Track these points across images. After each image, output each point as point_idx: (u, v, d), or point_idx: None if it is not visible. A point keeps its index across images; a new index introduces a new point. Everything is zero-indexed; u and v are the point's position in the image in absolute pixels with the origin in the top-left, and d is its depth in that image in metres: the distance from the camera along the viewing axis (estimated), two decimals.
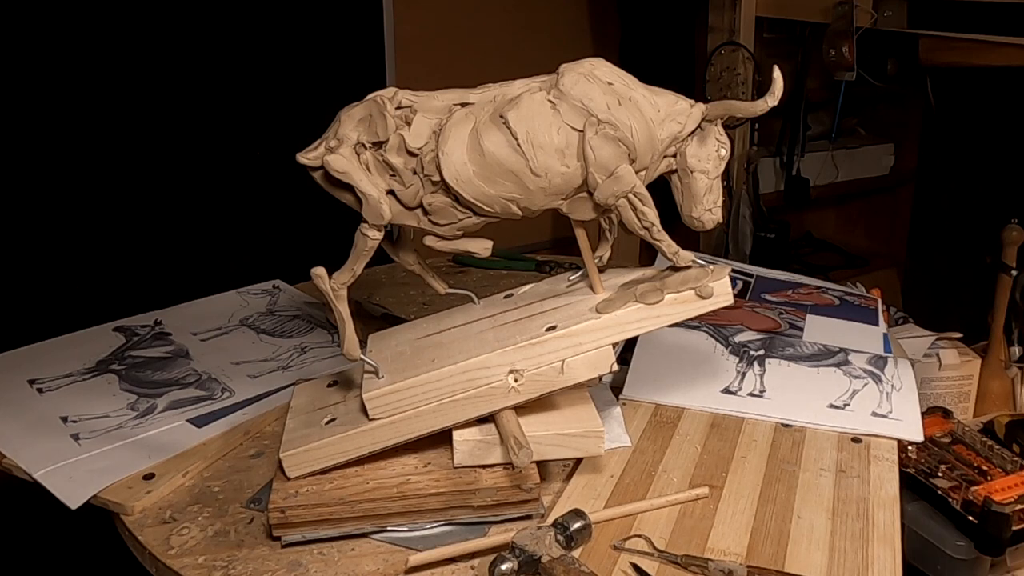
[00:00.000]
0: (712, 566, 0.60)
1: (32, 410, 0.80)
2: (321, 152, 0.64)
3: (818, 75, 1.78)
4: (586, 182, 0.63)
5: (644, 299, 0.66)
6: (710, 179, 0.65)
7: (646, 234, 0.65)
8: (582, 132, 0.62)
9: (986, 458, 0.92)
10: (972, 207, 1.79)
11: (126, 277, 1.47)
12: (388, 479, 0.65)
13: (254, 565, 0.62)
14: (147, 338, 0.94)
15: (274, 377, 0.86)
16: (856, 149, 2.01)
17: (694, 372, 0.86)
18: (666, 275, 0.67)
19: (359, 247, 0.65)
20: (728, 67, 1.76)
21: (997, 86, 1.66)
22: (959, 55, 1.36)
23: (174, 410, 0.80)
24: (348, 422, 0.67)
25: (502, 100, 0.63)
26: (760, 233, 1.85)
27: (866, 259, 2.05)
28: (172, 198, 1.53)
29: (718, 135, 0.65)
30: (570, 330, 0.65)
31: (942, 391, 1.21)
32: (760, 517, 0.66)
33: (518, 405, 0.67)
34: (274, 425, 0.79)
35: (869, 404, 0.82)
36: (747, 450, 0.75)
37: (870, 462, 0.74)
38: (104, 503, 0.69)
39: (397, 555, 0.63)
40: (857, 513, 0.67)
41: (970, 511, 0.85)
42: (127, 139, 1.47)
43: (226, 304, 1.02)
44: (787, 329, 0.97)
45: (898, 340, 1.11)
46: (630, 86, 0.63)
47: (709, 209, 0.65)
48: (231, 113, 1.56)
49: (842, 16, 1.51)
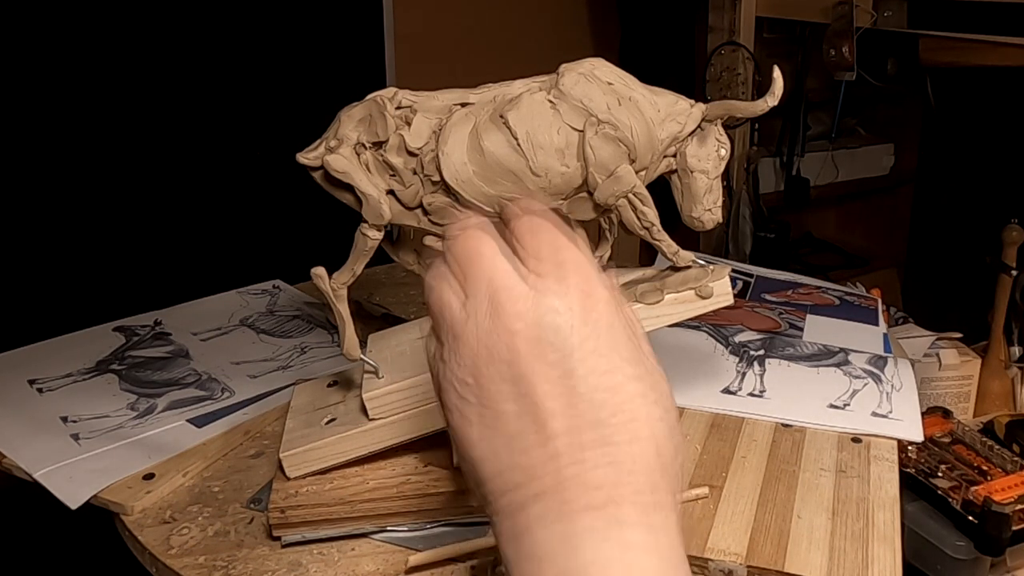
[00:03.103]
0: (712, 566, 0.60)
1: (32, 410, 0.80)
2: (321, 152, 0.64)
3: (818, 75, 1.78)
4: (586, 182, 0.63)
5: (644, 299, 0.66)
6: (710, 179, 0.65)
7: (646, 234, 0.65)
8: (582, 132, 0.62)
9: (986, 458, 0.92)
10: (972, 207, 1.79)
11: (126, 277, 1.47)
12: (388, 479, 0.65)
13: (254, 565, 0.62)
14: (147, 338, 0.94)
15: (274, 377, 0.86)
16: (856, 149, 2.01)
17: (694, 372, 0.86)
18: (666, 275, 0.67)
19: (359, 247, 0.65)
20: (728, 67, 1.76)
21: (997, 86, 1.66)
22: (959, 55, 1.36)
23: (174, 410, 0.80)
24: (348, 422, 0.67)
25: (502, 100, 0.63)
26: (760, 233, 1.85)
27: (866, 259, 2.05)
28: (172, 198, 1.53)
29: (718, 135, 0.65)
30: None
31: (942, 391, 1.21)
32: (760, 517, 0.66)
33: None
34: (274, 425, 0.79)
35: (869, 404, 0.82)
36: (747, 450, 0.75)
37: (870, 462, 0.74)
38: (104, 503, 0.69)
39: (397, 555, 0.63)
40: (857, 513, 0.67)
41: (970, 511, 0.85)
42: (127, 139, 1.47)
43: (226, 304, 1.02)
44: (787, 329, 0.97)
45: (898, 340, 1.11)
46: (630, 86, 0.63)
47: (709, 209, 0.65)
48: (231, 113, 1.56)
49: (842, 16, 1.50)
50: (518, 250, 0.39)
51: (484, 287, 0.37)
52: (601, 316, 0.38)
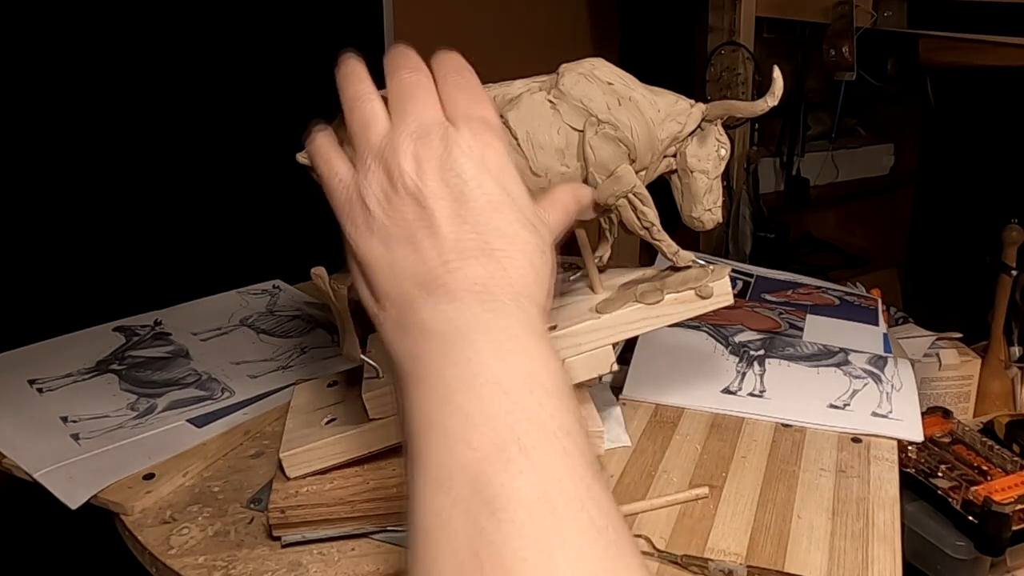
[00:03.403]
0: (712, 566, 0.60)
1: (32, 410, 0.79)
2: None
3: (818, 75, 1.78)
4: (586, 182, 0.63)
5: (644, 299, 0.66)
6: (710, 179, 0.65)
7: (646, 234, 0.65)
8: (582, 132, 0.62)
9: (986, 458, 0.92)
10: (972, 207, 1.79)
11: (126, 277, 1.47)
12: (388, 479, 0.65)
13: (254, 565, 0.62)
14: (147, 338, 0.94)
15: (274, 377, 0.86)
16: (856, 149, 2.01)
17: (694, 372, 0.86)
18: (666, 275, 0.67)
19: None
20: (728, 67, 1.76)
21: (997, 86, 1.66)
22: (959, 55, 1.36)
23: (174, 410, 0.80)
24: (348, 422, 0.67)
25: (502, 100, 0.63)
26: (760, 233, 1.85)
27: (866, 259, 2.05)
28: (172, 198, 1.53)
29: (718, 135, 0.65)
30: (570, 330, 0.65)
31: (942, 391, 1.21)
32: (760, 517, 0.66)
33: None
34: (274, 425, 0.79)
35: (869, 404, 0.82)
36: (747, 450, 0.75)
37: (870, 462, 0.74)
38: (104, 503, 0.69)
39: (397, 555, 0.62)
40: (857, 513, 0.67)
41: (970, 511, 0.85)
42: (127, 139, 1.47)
43: (226, 304, 1.02)
44: (787, 329, 0.97)
45: (898, 340, 1.11)
46: (630, 86, 0.63)
47: (709, 209, 0.65)
48: (231, 113, 1.56)
49: (842, 16, 1.50)
50: (442, 96, 0.46)
51: (412, 120, 0.44)
52: (498, 165, 0.45)
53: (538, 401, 0.38)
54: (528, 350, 0.40)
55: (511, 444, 0.36)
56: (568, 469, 0.36)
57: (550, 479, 0.35)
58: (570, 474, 0.36)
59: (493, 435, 0.36)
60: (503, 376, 0.38)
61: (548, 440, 0.37)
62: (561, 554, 0.33)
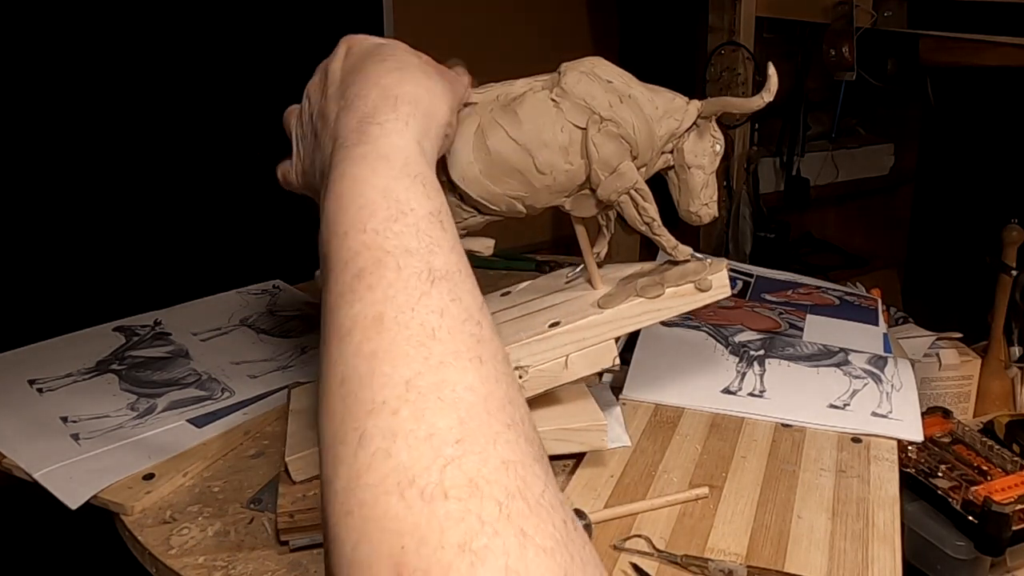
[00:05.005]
0: (712, 566, 0.60)
1: (32, 410, 0.79)
2: None
3: (818, 75, 1.78)
4: (589, 179, 0.63)
5: (645, 293, 0.66)
6: (706, 174, 0.65)
7: (646, 229, 0.66)
8: (585, 130, 0.62)
9: (986, 458, 0.92)
10: (972, 207, 1.79)
11: (126, 277, 1.47)
12: None
13: (254, 565, 0.62)
14: (147, 338, 0.94)
15: (274, 377, 0.86)
16: (856, 149, 2.01)
17: (694, 372, 0.86)
18: (665, 269, 0.68)
19: None
20: (728, 67, 1.76)
21: (997, 86, 1.66)
22: (959, 55, 1.36)
23: (174, 410, 0.80)
24: None
25: (505, 98, 0.63)
26: (760, 233, 1.85)
27: (866, 259, 2.05)
28: (172, 198, 1.53)
29: (713, 131, 0.65)
30: (574, 325, 0.65)
31: (942, 391, 1.21)
32: (760, 517, 0.66)
33: None
34: (274, 425, 0.79)
35: (869, 404, 0.82)
36: (747, 450, 0.75)
37: (870, 462, 0.74)
38: (104, 503, 0.69)
39: None
40: (857, 513, 0.67)
41: (970, 511, 0.85)
42: (127, 139, 1.47)
43: (226, 304, 1.02)
44: (787, 329, 0.97)
45: (898, 340, 1.11)
46: (629, 84, 0.64)
47: (706, 204, 0.66)
48: (231, 113, 1.56)
49: (842, 16, 1.51)
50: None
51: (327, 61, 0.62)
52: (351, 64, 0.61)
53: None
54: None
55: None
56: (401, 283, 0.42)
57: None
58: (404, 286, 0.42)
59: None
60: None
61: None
62: (388, 363, 0.38)
